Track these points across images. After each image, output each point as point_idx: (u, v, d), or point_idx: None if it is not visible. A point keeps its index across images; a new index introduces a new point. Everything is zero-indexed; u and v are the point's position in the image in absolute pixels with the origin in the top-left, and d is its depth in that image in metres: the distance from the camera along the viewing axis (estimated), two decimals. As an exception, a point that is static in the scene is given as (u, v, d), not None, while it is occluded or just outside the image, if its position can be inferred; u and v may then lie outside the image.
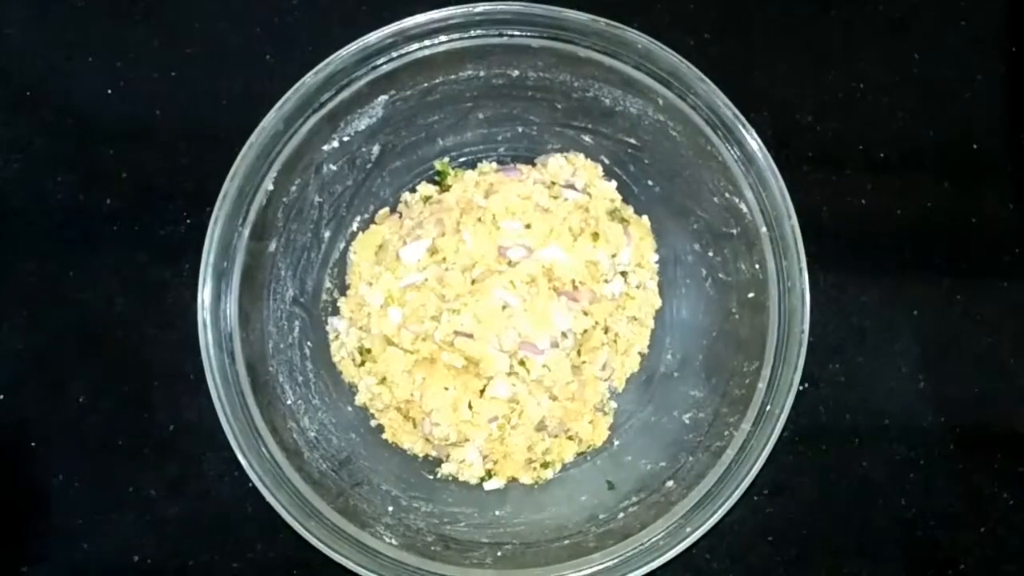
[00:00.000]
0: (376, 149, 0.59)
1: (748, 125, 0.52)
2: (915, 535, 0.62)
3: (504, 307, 0.56)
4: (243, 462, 0.51)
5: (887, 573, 0.62)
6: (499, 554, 0.53)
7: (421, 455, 0.60)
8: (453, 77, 0.57)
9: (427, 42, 0.54)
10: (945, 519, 0.62)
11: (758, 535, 0.62)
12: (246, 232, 0.54)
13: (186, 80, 0.66)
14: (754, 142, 0.53)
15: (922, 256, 0.65)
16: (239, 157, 0.52)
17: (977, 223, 0.65)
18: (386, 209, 0.62)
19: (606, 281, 0.59)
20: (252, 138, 0.52)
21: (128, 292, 0.64)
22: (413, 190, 0.62)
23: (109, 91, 0.66)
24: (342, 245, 0.61)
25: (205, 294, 0.52)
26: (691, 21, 0.66)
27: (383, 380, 0.58)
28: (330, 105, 0.54)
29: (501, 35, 0.54)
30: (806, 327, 0.51)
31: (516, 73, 0.57)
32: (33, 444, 0.63)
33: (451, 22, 0.54)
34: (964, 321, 0.64)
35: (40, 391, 0.64)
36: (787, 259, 0.52)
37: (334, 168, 0.58)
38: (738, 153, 0.53)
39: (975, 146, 0.66)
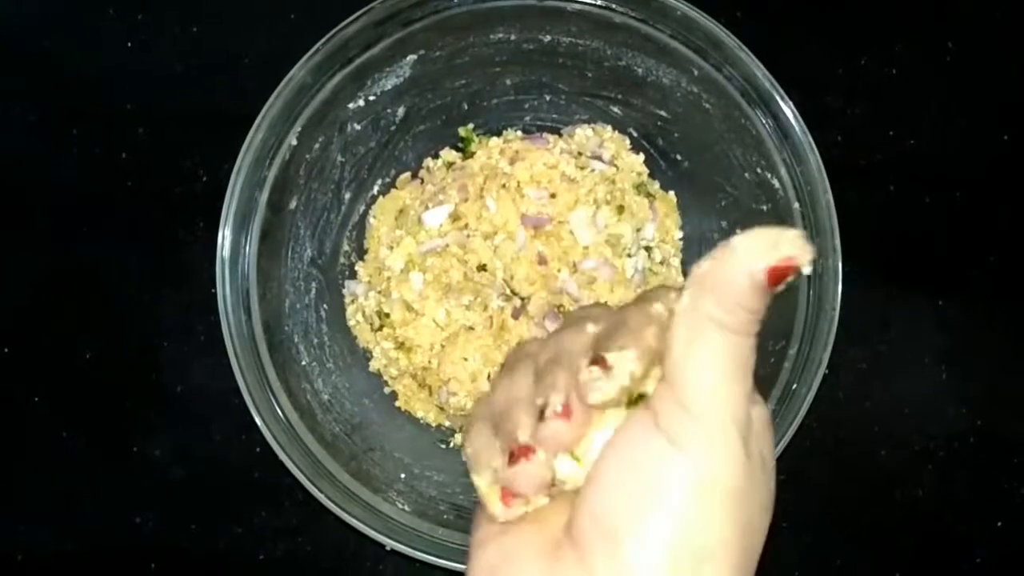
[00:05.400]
0: (401, 111, 0.58)
1: (786, 97, 0.51)
2: (931, 527, 0.61)
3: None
4: (257, 420, 0.50)
5: (902, 563, 0.61)
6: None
7: (434, 424, 0.59)
8: (484, 39, 0.55)
9: (459, 0, 0.53)
10: (962, 512, 0.62)
11: (774, 521, 0.61)
12: (267, 187, 0.52)
13: (208, 37, 0.65)
14: (790, 113, 0.51)
15: (949, 245, 0.64)
16: (265, 108, 0.51)
17: (1005, 215, 0.64)
18: (407, 174, 0.61)
19: (629, 255, 0.58)
20: (279, 89, 0.51)
21: (141, 249, 0.63)
22: (436, 156, 0.61)
23: (129, 44, 0.65)
24: (362, 208, 0.60)
25: (224, 246, 0.51)
26: (723, 0, 0.65)
27: (401, 345, 0.57)
28: (358, 61, 0.53)
29: (537, -4, 0.53)
30: (837, 305, 0.50)
31: (548, 39, 0.56)
32: (37, 399, 0.62)
33: (488, -22, 0.52)
34: (989, 313, 0.63)
35: (47, 346, 0.62)
36: (820, 236, 0.51)
37: (358, 128, 0.57)
38: (772, 125, 0.52)
39: (1005, 137, 0.65)
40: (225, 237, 0.51)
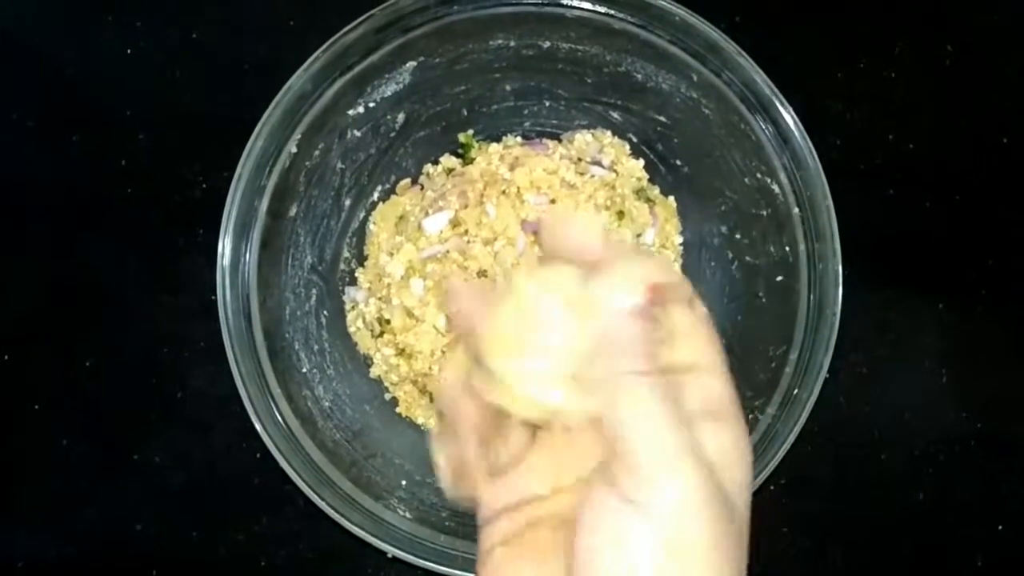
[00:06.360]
0: (401, 117, 0.58)
1: (785, 102, 0.51)
2: (932, 530, 0.61)
3: None
4: (258, 427, 0.50)
5: (903, 567, 0.61)
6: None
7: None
8: (483, 46, 0.55)
9: (459, 7, 0.53)
10: (963, 515, 0.62)
11: (774, 525, 0.61)
12: (267, 194, 0.52)
13: (207, 44, 0.65)
14: (790, 119, 0.52)
15: (949, 249, 0.64)
16: (265, 115, 0.51)
17: (1005, 218, 0.64)
18: (407, 180, 0.61)
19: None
20: (279, 96, 0.51)
21: (140, 256, 0.63)
22: (436, 162, 0.61)
23: (128, 51, 0.65)
24: (361, 215, 0.60)
25: (225, 253, 0.51)
26: (722, 5, 0.65)
27: (401, 351, 0.57)
28: (358, 68, 0.53)
29: (535, 3, 0.53)
30: (838, 309, 0.50)
31: (547, 45, 0.56)
32: (36, 407, 0.62)
33: (486, -15, 0.52)
34: (989, 316, 0.63)
35: (46, 352, 0.62)
36: (820, 241, 0.51)
37: (358, 134, 0.57)
38: (772, 131, 0.52)
39: (1005, 140, 0.65)
40: (226, 246, 0.51)
